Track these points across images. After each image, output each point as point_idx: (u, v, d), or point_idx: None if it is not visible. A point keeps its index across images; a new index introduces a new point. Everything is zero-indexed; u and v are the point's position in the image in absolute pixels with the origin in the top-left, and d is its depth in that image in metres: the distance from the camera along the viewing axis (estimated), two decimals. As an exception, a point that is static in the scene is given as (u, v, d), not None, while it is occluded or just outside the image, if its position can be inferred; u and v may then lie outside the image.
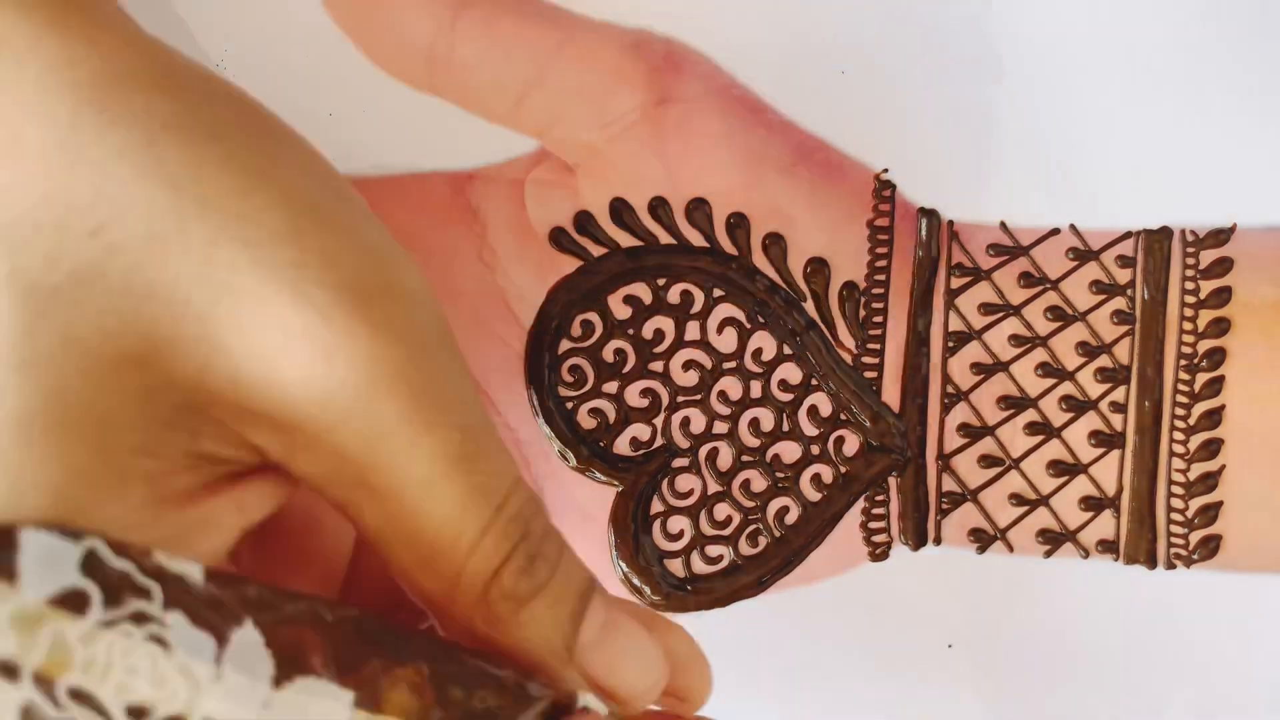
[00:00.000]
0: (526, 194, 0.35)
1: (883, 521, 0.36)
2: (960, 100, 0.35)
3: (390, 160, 0.35)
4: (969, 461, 0.36)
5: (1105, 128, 0.35)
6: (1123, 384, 0.35)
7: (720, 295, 0.35)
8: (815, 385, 0.36)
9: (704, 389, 0.36)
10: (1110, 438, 0.35)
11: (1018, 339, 0.35)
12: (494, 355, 0.36)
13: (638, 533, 0.36)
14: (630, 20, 0.34)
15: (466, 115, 0.35)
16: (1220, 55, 0.35)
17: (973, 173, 0.35)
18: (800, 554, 0.36)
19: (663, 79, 0.34)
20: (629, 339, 0.36)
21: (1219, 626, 0.37)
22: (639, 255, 0.35)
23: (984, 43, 0.35)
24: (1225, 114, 0.35)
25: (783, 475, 0.36)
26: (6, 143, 0.23)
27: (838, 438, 0.36)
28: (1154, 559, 0.36)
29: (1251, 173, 0.35)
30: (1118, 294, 0.35)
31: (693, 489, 0.36)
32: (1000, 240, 0.35)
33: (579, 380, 0.36)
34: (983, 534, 0.36)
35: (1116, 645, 0.37)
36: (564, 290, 0.35)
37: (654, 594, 0.36)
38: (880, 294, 0.35)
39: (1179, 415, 0.35)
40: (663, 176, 0.34)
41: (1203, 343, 0.35)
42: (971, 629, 0.37)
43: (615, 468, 0.36)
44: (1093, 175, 0.35)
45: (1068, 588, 0.36)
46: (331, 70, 0.34)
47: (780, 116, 0.35)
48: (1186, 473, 0.35)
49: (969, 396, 0.35)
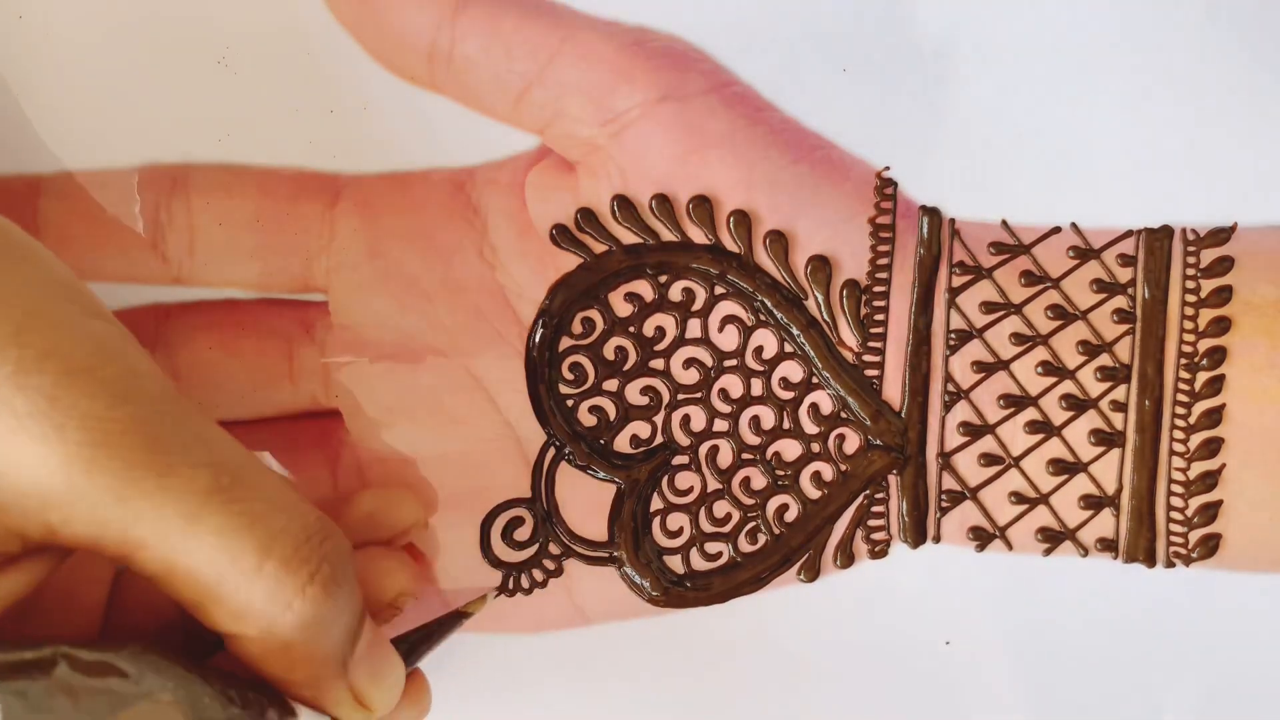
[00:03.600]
0: (527, 191, 0.35)
1: (882, 519, 0.36)
2: (961, 98, 0.35)
3: (391, 157, 0.35)
4: (969, 459, 0.36)
5: (1106, 127, 0.35)
6: (1123, 382, 0.35)
7: (721, 293, 0.35)
8: (816, 383, 0.36)
9: (705, 387, 0.36)
10: (1110, 436, 0.35)
11: (1019, 337, 0.35)
12: (494, 352, 0.36)
13: (638, 530, 0.36)
14: (631, 18, 0.34)
15: (467, 112, 0.35)
16: (1221, 54, 0.35)
17: (974, 171, 0.35)
18: (799, 551, 0.36)
19: (664, 76, 0.34)
20: (630, 336, 0.36)
21: (1218, 625, 0.37)
22: (640, 253, 0.35)
23: (985, 41, 0.35)
24: (1225, 113, 0.35)
25: (783, 473, 0.36)
26: None
27: (838, 435, 0.36)
28: (1153, 558, 0.36)
29: (1252, 172, 0.35)
30: (1119, 292, 0.35)
31: (693, 486, 0.36)
32: (1002, 238, 0.35)
33: (579, 378, 0.36)
34: (982, 532, 0.36)
35: (1115, 643, 0.37)
36: (564, 287, 0.35)
37: (653, 590, 0.36)
38: (882, 292, 0.35)
39: (1179, 414, 0.35)
40: (664, 174, 0.34)
41: (1203, 341, 0.35)
42: (970, 627, 0.37)
43: (615, 465, 0.36)
44: (1094, 174, 0.35)
45: (1067, 586, 0.36)
46: (332, 67, 0.34)
47: (782, 114, 0.35)
48: (1186, 471, 0.35)
49: (970, 395, 0.35)
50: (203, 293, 0.36)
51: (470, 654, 0.37)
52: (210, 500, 0.27)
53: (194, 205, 0.35)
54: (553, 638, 0.37)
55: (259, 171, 0.35)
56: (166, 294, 0.36)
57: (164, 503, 0.27)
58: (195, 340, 0.36)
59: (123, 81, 0.34)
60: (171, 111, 0.34)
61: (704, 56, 0.35)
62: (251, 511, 0.28)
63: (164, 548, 0.27)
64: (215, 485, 0.27)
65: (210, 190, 0.35)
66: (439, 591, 0.36)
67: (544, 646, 0.37)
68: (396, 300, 0.35)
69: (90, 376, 0.26)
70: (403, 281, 0.35)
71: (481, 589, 0.36)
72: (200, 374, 0.36)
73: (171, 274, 0.35)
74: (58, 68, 0.34)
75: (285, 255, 0.35)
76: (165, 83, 0.34)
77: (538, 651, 0.37)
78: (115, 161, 0.34)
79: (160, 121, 0.34)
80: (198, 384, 0.36)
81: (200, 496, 0.27)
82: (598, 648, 0.37)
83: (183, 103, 0.34)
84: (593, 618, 0.37)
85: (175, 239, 0.35)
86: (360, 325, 0.36)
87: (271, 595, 0.28)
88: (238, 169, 0.35)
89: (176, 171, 0.35)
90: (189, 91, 0.34)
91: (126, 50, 0.34)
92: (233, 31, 0.34)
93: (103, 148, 0.34)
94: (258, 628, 0.28)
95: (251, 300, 0.36)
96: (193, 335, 0.36)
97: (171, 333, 0.36)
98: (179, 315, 0.36)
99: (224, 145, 0.35)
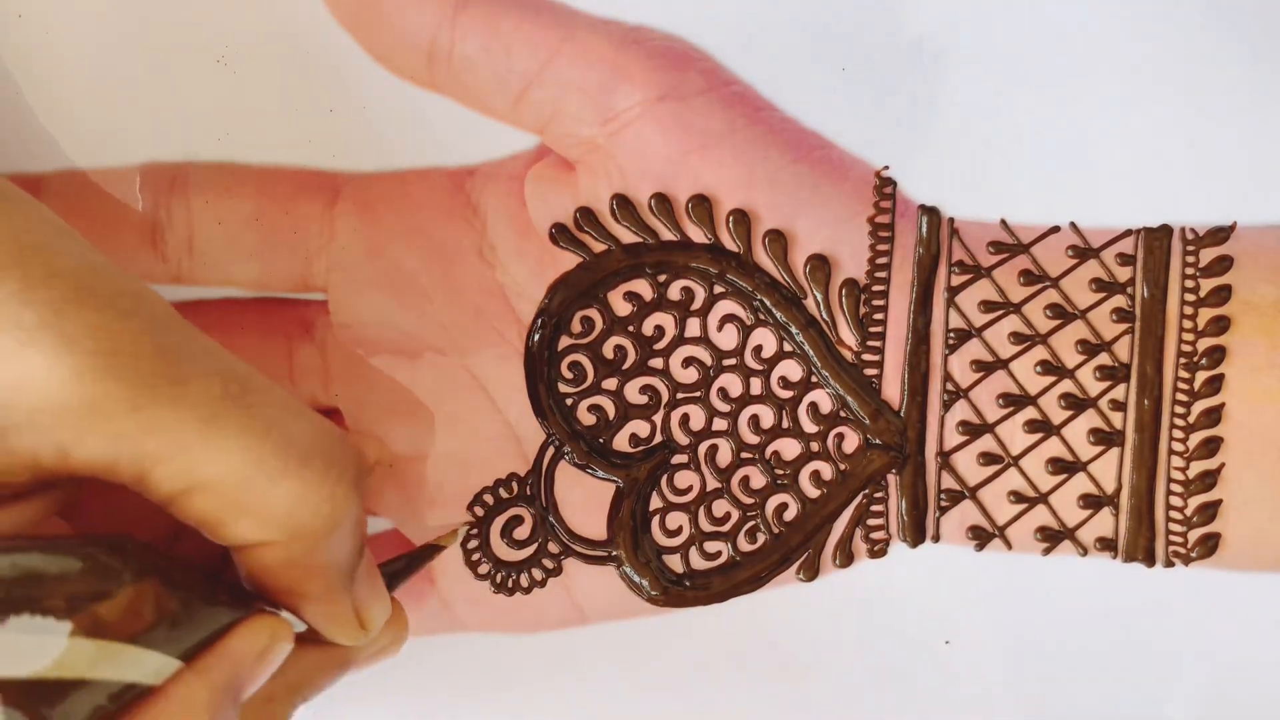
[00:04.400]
0: (527, 190, 0.35)
1: (882, 519, 0.36)
2: (961, 98, 0.35)
3: (391, 157, 0.35)
4: (968, 459, 0.36)
5: (1104, 126, 0.35)
6: (1122, 382, 0.35)
7: (720, 292, 0.35)
8: (815, 382, 0.36)
9: (704, 386, 0.36)
10: (1109, 435, 0.35)
11: (1018, 336, 0.35)
12: (493, 351, 0.36)
13: (637, 529, 0.36)
14: (631, 17, 0.34)
15: (467, 112, 0.35)
16: (1220, 53, 0.35)
17: (973, 170, 0.35)
18: (799, 550, 0.36)
19: (663, 75, 0.34)
20: (629, 335, 0.36)
21: (1217, 624, 0.37)
22: (639, 252, 0.35)
23: (984, 41, 0.35)
24: (1225, 112, 0.35)
25: (782, 472, 0.36)
26: None
27: (837, 434, 0.36)
28: (1152, 557, 0.36)
29: (1251, 171, 0.35)
30: (1118, 292, 0.35)
31: (692, 485, 0.36)
32: (1001, 238, 0.35)
33: (579, 376, 0.36)
34: (982, 531, 0.36)
35: (1115, 643, 0.37)
36: (564, 286, 0.35)
37: (652, 589, 0.36)
38: (881, 291, 0.35)
39: (1178, 413, 0.35)
40: (663, 173, 0.34)
41: (1202, 341, 0.35)
42: (969, 626, 0.37)
43: (614, 464, 0.36)
44: (1093, 173, 0.35)
45: (1066, 585, 0.36)
46: (332, 67, 0.34)
47: (781, 114, 0.35)
48: (1186, 471, 0.35)
49: (969, 394, 0.35)
50: (202, 292, 0.36)
51: (470, 653, 0.37)
52: (227, 405, 0.27)
53: (193, 204, 0.35)
54: (551, 637, 0.37)
55: (258, 171, 0.35)
56: (167, 293, 0.35)
57: (180, 409, 0.26)
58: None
59: (123, 81, 0.34)
60: (171, 111, 0.34)
61: (703, 56, 0.35)
62: (268, 416, 0.27)
63: (182, 460, 0.26)
64: (228, 392, 0.27)
65: (210, 189, 0.35)
66: (437, 591, 0.36)
67: (543, 646, 0.37)
68: (396, 299, 0.35)
69: (95, 293, 0.26)
70: (402, 281, 0.35)
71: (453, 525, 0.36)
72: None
73: (171, 273, 0.35)
74: (57, 67, 0.34)
75: (285, 254, 0.35)
76: (165, 82, 0.34)
77: (537, 651, 0.37)
78: (115, 160, 0.34)
79: (160, 121, 0.34)
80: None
81: (216, 402, 0.27)
82: (597, 647, 0.37)
83: (183, 102, 0.34)
84: (591, 617, 0.37)
85: (175, 238, 0.35)
86: (360, 324, 0.36)
87: (298, 499, 0.27)
88: (237, 168, 0.35)
89: (176, 170, 0.35)
90: (189, 91, 0.34)
91: (126, 49, 0.34)
92: (232, 31, 0.34)
93: (102, 147, 0.34)
94: (282, 534, 0.27)
95: (251, 299, 0.36)
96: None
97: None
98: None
99: (224, 144, 0.35)
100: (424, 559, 0.34)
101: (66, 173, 0.34)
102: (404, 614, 0.34)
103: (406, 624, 0.34)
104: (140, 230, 0.35)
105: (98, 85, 0.34)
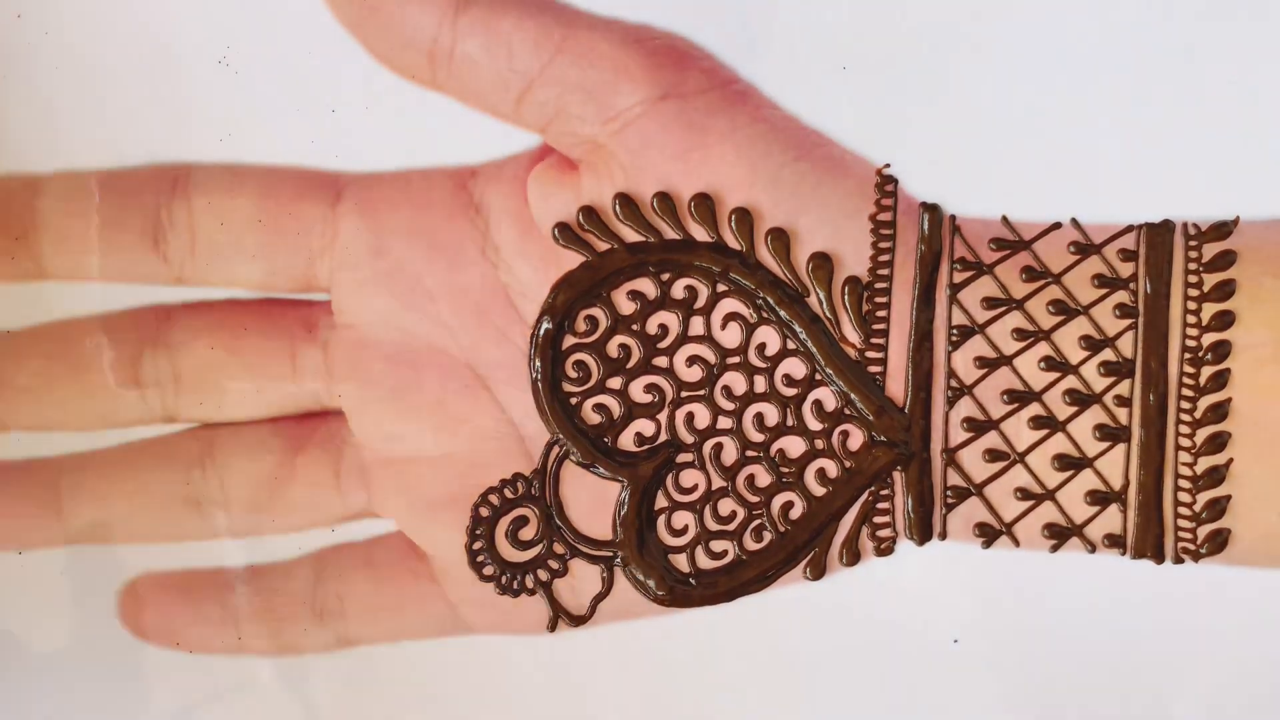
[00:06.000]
0: (529, 190, 0.35)
1: (888, 516, 0.36)
2: (962, 95, 0.35)
3: (393, 156, 0.35)
4: (974, 456, 0.36)
5: (1105, 122, 0.35)
6: (1126, 377, 0.35)
7: (724, 290, 0.35)
8: (819, 380, 0.36)
9: (708, 384, 0.36)
10: (1115, 431, 0.35)
11: (1021, 333, 0.35)
12: (497, 351, 0.35)
13: (642, 528, 0.36)
14: (632, 15, 0.34)
15: (469, 111, 0.35)
16: (1221, 49, 0.35)
17: (975, 167, 0.35)
18: (805, 549, 0.36)
19: (665, 74, 0.34)
20: (633, 334, 0.35)
21: (1228, 621, 0.36)
22: (642, 250, 0.35)
23: (985, 38, 0.35)
24: (1226, 108, 0.35)
25: (787, 470, 0.36)
26: None
27: (842, 432, 0.36)
28: (1161, 553, 0.35)
29: (1253, 165, 0.35)
30: (1120, 287, 0.35)
31: (697, 484, 0.36)
32: (1002, 234, 0.35)
33: (583, 376, 0.36)
34: (988, 529, 0.36)
35: (1124, 640, 0.37)
36: (567, 285, 0.35)
37: (658, 589, 0.36)
38: (884, 288, 0.35)
39: (1184, 409, 0.35)
40: (666, 171, 0.34)
41: (1207, 336, 0.35)
42: (977, 624, 0.37)
43: (619, 463, 0.36)
44: (1094, 169, 0.35)
45: (1075, 582, 0.36)
46: (334, 67, 0.34)
47: (783, 112, 0.35)
48: (1193, 466, 0.35)
49: (973, 390, 0.35)
50: (205, 292, 0.36)
51: (472, 654, 0.37)
52: None
53: (195, 205, 0.35)
54: (555, 638, 0.37)
55: (261, 171, 0.35)
56: (168, 294, 0.36)
57: None
58: (197, 340, 0.36)
59: (123, 81, 0.34)
60: (172, 111, 0.34)
61: (705, 54, 0.35)
62: None
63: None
64: None
65: (212, 190, 0.35)
66: (441, 593, 0.36)
67: (546, 646, 0.37)
68: (399, 299, 0.35)
69: None
70: (405, 281, 0.35)
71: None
72: (203, 374, 0.36)
73: (173, 274, 0.35)
74: (57, 67, 0.34)
75: (287, 255, 0.35)
76: (166, 82, 0.34)
77: (540, 651, 0.37)
78: (115, 161, 0.34)
79: (161, 121, 0.34)
80: (200, 384, 0.36)
81: None
82: (603, 648, 0.37)
83: (183, 102, 0.34)
84: (597, 617, 0.36)
85: (177, 239, 0.35)
86: (363, 324, 0.35)
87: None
88: (239, 169, 0.35)
89: (178, 171, 0.35)
90: (190, 91, 0.34)
91: (126, 49, 0.34)
92: (233, 31, 0.34)
93: (103, 147, 0.34)
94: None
95: (254, 300, 0.36)
96: (195, 335, 0.36)
97: (174, 333, 0.36)
98: (181, 315, 0.36)
99: (225, 145, 0.35)
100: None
101: (66, 174, 0.34)
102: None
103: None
104: (142, 232, 0.35)
105: (98, 85, 0.34)
